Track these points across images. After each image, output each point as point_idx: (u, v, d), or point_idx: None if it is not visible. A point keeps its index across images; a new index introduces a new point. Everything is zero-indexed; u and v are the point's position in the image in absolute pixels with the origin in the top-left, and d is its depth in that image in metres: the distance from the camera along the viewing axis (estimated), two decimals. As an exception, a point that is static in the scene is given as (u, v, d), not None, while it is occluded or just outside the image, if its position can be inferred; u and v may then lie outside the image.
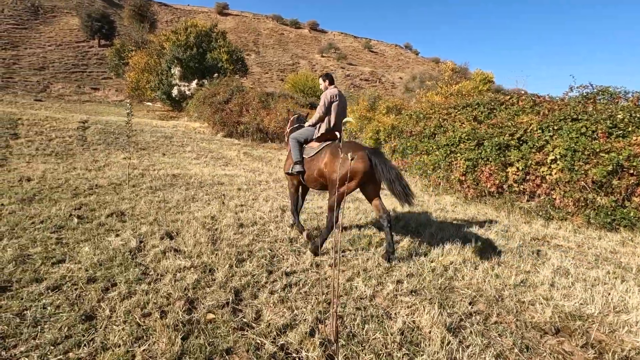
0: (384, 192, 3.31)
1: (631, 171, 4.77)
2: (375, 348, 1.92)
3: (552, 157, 5.51)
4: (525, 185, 5.89)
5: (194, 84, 19.83)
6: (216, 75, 19.80)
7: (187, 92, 19.83)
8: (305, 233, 3.77)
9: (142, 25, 33.77)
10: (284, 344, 1.93)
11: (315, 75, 26.79)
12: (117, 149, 8.48)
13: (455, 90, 16.60)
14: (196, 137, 12.13)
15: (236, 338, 1.95)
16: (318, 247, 3.27)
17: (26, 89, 22.95)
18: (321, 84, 3.83)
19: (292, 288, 2.59)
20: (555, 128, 5.96)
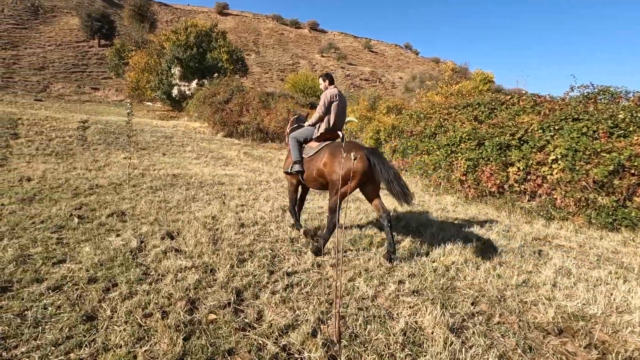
0: (384, 192, 3.30)
1: (632, 171, 4.76)
2: (378, 349, 1.91)
3: (553, 157, 5.50)
4: (526, 185, 5.88)
5: (194, 83, 19.81)
6: (216, 75, 19.78)
7: (187, 92, 19.82)
8: (302, 230, 3.86)
9: (142, 25, 33.75)
10: (286, 345, 1.92)
11: (315, 75, 26.78)
12: (118, 148, 8.48)
13: (456, 90, 16.58)
14: (196, 137, 12.12)
15: (238, 339, 1.94)
16: (319, 248, 3.26)
17: (26, 88, 22.93)
18: (321, 83, 3.83)
19: (294, 288, 2.58)
20: (556, 128, 5.95)
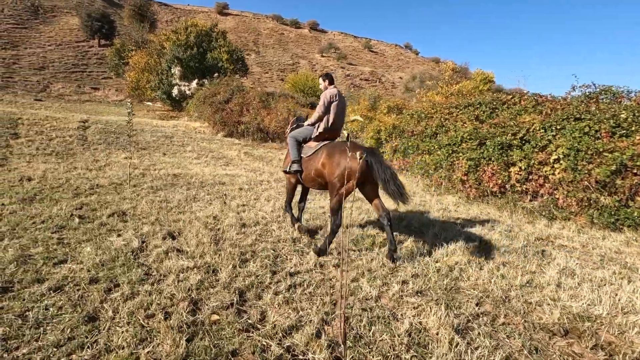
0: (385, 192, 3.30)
1: (635, 171, 4.75)
2: (383, 350, 1.89)
3: (555, 157, 5.48)
4: (528, 185, 5.86)
5: (194, 83, 19.79)
6: (216, 75, 19.76)
7: (187, 92, 19.80)
8: (297, 225, 3.92)
9: (142, 25, 33.71)
10: (290, 346, 1.90)
11: (315, 75, 26.78)
12: (118, 148, 8.46)
13: (456, 90, 16.57)
14: (196, 137, 12.10)
15: (241, 340, 1.93)
16: (321, 249, 3.24)
17: (26, 88, 22.90)
18: (321, 83, 3.84)
19: (297, 289, 2.57)
20: (558, 127, 5.93)
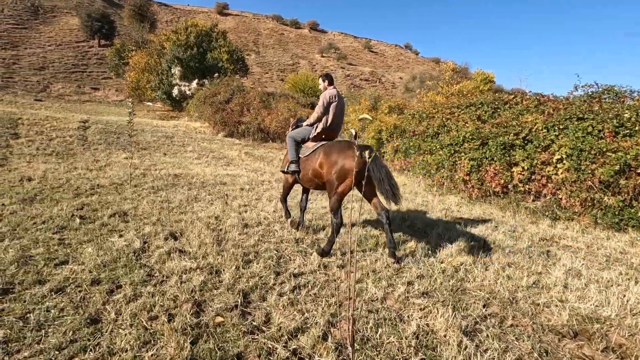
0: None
1: (639, 171, 4.72)
2: (391, 353, 1.86)
3: (558, 157, 5.45)
4: (530, 185, 5.83)
5: (195, 83, 19.77)
6: (216, 75, 19.74)
7: (188, 92, 19.77)
8: (289, 220, 4.10)
9: (142, 25, 33.70)
10: (296, 349, 1.86)
11: (316, 75, 26.75)
12: (118, 148, 8.42)
13: (456, 90, 16.55)
14: (197, 137, 12.07)
15: (247, 342, 1.89)
16: (324, 249, 3.21)
17: (26, 88, 22.86)
18: (320, 84, 3.86)
19: (301, 290, 2.53)
20: (560, 127, 5.90)
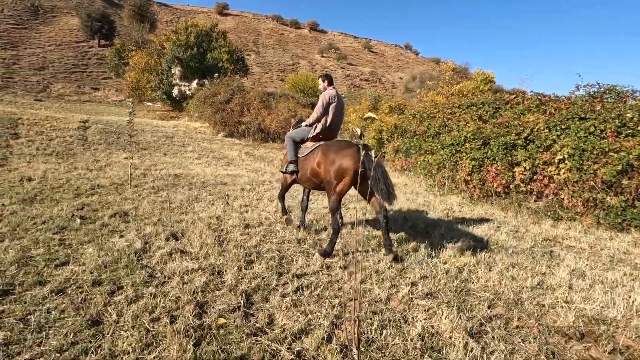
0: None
1: (642, 171, 4.70)
2: (396, 355, 1.84)
3: (560, 157, 5.43)
4: (532, 185, 5.81)
5: (195, 83, 19.74)
6: (217, 75, 19.71)
7: (188, 92, 19.74)
8: (285, 217, 4.13)
9: (142, 25, 33.67)
10: (300, 351, 1.84)
11: (315, 76, 26.74)
12: (118, 148, 8.40)
13: (457, 90, 16.52)
14: (197, 137, 12.05)
15: (250, 344, 1.87)
16: (326, 250, 3.19)
17: (26, 88, 22.83)
18: (320, 84, 3.86)
19: (304, 291, 2.51)
20: (562, 127, 5.87)
